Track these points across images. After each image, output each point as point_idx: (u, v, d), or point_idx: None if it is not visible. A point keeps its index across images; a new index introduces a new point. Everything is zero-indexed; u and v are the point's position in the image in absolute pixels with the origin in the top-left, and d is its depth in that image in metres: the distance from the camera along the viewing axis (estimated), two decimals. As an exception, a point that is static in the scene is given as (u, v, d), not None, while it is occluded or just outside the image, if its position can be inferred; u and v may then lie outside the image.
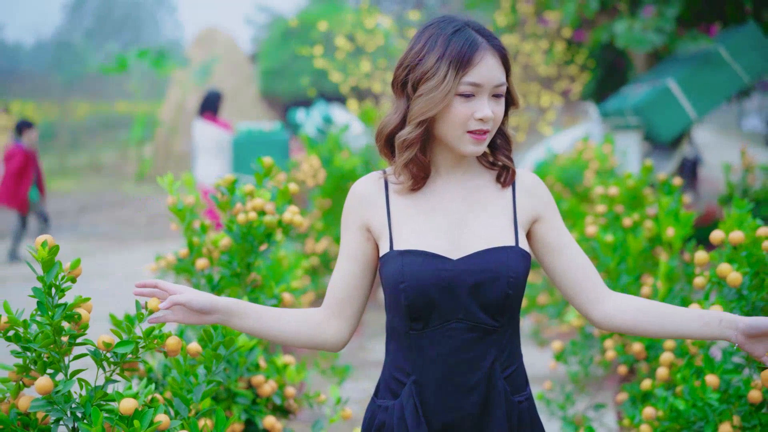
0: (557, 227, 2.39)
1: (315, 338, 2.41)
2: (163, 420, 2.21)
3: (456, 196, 2.36)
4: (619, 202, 5.21)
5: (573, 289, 2.37)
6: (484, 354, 2.28)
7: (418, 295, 2.24)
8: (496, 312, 2.27)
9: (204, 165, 10.84)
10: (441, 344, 2.27)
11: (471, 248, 2.29)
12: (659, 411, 3.17)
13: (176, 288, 2.29)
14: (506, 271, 2.25)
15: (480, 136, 2.26)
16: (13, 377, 2.45)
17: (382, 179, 2.40)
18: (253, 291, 3.44)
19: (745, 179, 7.17)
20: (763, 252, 3.00)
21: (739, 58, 9.48)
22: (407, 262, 2.26)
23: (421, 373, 2.28)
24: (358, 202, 2.38)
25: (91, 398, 2.30)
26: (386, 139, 2.35)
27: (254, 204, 3.36)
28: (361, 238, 2.38)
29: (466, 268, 2.25)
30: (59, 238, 14.99)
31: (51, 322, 2.25)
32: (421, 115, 2.24)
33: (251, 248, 3.38)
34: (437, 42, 2.24)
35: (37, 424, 2.38)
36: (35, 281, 2.41)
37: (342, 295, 2.40)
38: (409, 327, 2.29)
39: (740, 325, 2.21)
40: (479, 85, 2.22)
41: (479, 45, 2.24)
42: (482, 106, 2.24)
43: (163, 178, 3.60)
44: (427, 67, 2.23)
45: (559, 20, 11.61)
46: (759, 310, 3.04)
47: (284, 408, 3.46)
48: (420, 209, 2.34)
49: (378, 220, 2.35)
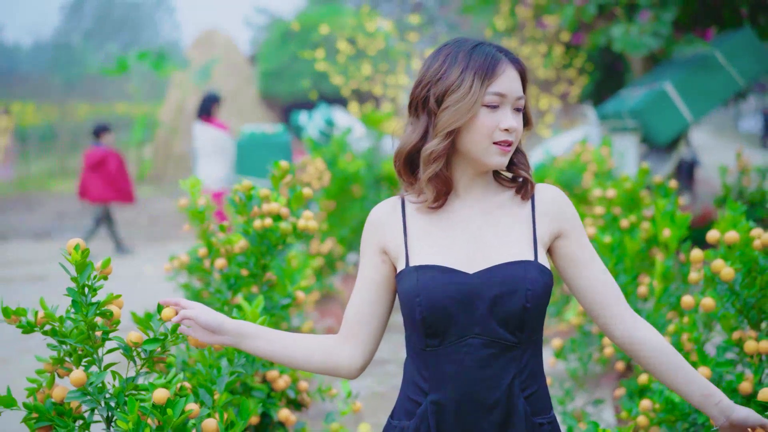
0: (580, 243, 2.36)
1: (327, 363, 2.40)
2: (194, 408, 2.37)
3: (474, 213, 2.34)
4: (616, 204, 5.37)
5: (594, 306, 2.34)
6: (502, 371, 2.24)
7: (434, 309, 2.22)
8: (514, 327, 2.24)
9: (205, 167, 10.97)
10: (458, 361, 2.24)
11: (488, 262, 2.27)
12: (656, 404, 3.34)
13: (189, 303, 2.36)
14: (524, 284, 2.23)
15: (506, 147, 2.27)
16: (48, 369, 2.60)
17: (399, 201, 2.40)
18: (268, 290, 3.60)
19: (740, 181, 7.32)
20: (755, 252, 3.16)
21: (735, 61, 9.62)
22: (422, 277, 2.25)
23: (439, 392, 2.25)
24: (374, 227, 2.39)
25: (124, 389, 2.45)
26: (405, 158, 2.35)
27: (270, 208, 3.52)
28: (378, 261, 2.38)
29: (483, 282, 2.23)
30: (63, 239, 15.14)
31: (85, 319, 2.40)
32: (449, 125, 2.24)
33: (267, 250, 3.53)
34: (458, 57, 2.27)
35: (72, 413, 2.54)
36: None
37: (356, 318, 2.40)
38: (425, 344, 2.27)
39: (733, 416, 2.23)
40: (503, 95, 2.25)
41: (500, 57, 2.27)
42: (507, 117, 2.25)
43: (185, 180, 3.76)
44: (452, 80, 2.24)
45: (558, 24, 11.75)
46: (750, 306, 3.20)
47: (297, 402, 3.61)
48: (437, 226, 2.33)
49: (394, 241, 2.35)
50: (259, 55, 26.34)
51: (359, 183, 8.39)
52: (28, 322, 2.48)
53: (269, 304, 3.59)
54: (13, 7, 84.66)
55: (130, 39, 60.91)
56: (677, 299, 4.36)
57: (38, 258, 13.08)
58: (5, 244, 14.70)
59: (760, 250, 3.16)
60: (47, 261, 12.75)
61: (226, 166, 10.81)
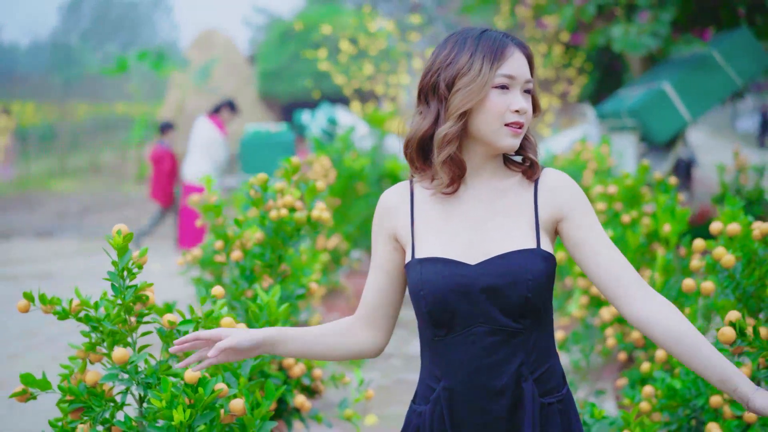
0: (584, 224, 2.34)
1: (352, 348, 2.47)
2: (223, 388, 2.49)
3: (479, 201, 2.36)
4: (617, 200, 5.50)
5: (605, 286, 2.31)
6: (509, 357, 2.27)
7: (437, 302, 2.27)
8: (518, 315, 2.26)
9: (192, 162, 11.19)
10: (465, 349, 2.28)
11: (490, 253, 2.29)
12: (657, 390, 3.47)
13: (218, 333, 2.30)
14: (524, 274, 2.24)
15: (517, 129, 2.28)
16: (80, 355, 2.74)
17: (408, 187, 2.42)
18: (283, 281, 3.73)
19: (738, 179, 7.45)
20: (754, 243, 3.30)
21: (733, 61, 9.73)
22: (425, 270, 2.28)
23: (450, 379, 2.29)
24: (384, 212, 2.42)
25: (156, 370, 2.58)
26: (418, 144, 2.36)
27: (285, 201, 3.65)
28: (389, 247, 2.42)
29: (483, 273, 2.25)
30: (65, 238, 15.26)
31: (123, 301, 2.53)
32: (461, 107, 2.25)
33: (282, 242, 3.66)
34: (466, 43, 2.30)
35: (104, 396, 2.66)
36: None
37: (373, 304, 2.45)
38: (433, 334, 2.32)
39: (750, 404, 2.16)
40: (513, 77, 2.27)
41: (508, 41, 2.30)
42: (517, 99, 2.28)
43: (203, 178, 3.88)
44: (462, 63, 2.27)
45: (557, 24, 11.87)
46: (749, 295, 3.33)
47: (311, 389, 3.74)
48: (442, 215, 2.35)
49: (403, 228, 2.38)
50: (258, 55, 26.43)
51: (364, 180, 8.52)
52: (63, 309, 2.61)
53: (284, 294, 3.71)
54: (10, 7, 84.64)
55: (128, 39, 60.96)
56: (678, 292, 4.49)
57: (42, 256, 13.19)
58: (8, 243, 14.80)
59: (760, 240, 3.29)
60: (51, 259, 12.86)
61: (211, 165, 10.99)
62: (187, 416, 2.40)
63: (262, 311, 2.85)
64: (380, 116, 9.45)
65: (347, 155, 8.51)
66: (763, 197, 7.22)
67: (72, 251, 13.66)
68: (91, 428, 2.57)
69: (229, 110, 11.31)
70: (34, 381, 2.64)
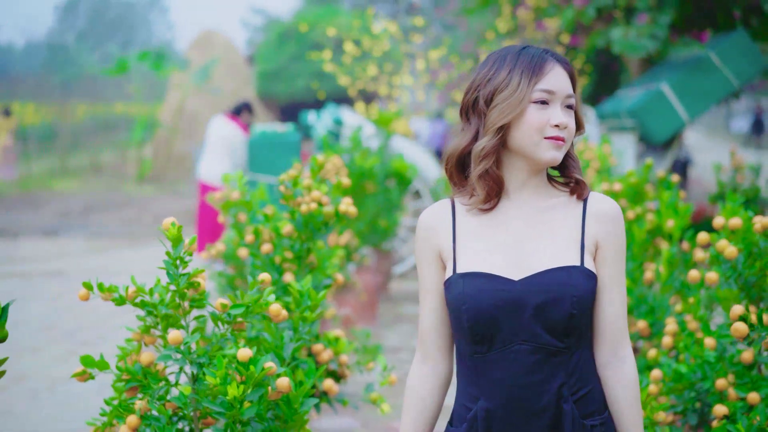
0: (612, 262, 2.33)
1: (444, 386, 2.43)
2: (272, 366, 2.71)
3: (522, 216, 2.34)
4: (622, 197, 5.71)
5: (597, 325, 2.33)
6: (550, 377, 2.24)
7: (479, 317, 2.23)
8: (561, 334, 2.23)
9: (209, 162, 11.02)
10: (506, 367, 2.24)
11: (534, 268, 2.26)
12: (665, 377, 3.69)
13: None
14: (570, 291, 2.23)
15: (558, 141, 2.27)
16: (136, 337, 2.96)
17: (449, 203, 2.39)
18: (311, 271, 3.95)
19: (734, 178, 7.66)
20: (755, 235, 3.52)
21: (729, 63, 9.96)
22: (468, 285, 2.25)
23: (488, 398, 2.26)
24: (425, 233, 2.38)
25: (208, 351, 2.80)
26: (457, 159, 2.36)
27: (313, 196, 3.87)
28: (437, 268, 2.37)
29: (528, 289, 2.23)
30: (71, 237, 15.45)
31: (178, 288, 2.75)
32: (498, 122, 2.26)
33: (311, 235, 3.88)
34: (505, 60, 2.30)
35: (158, 376, 2.88)
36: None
37: (436, 332, 2.39)
38: (473, 350, 2.27)
39: None
40: (552, 92, 2.26)
41: (548, 57, 2.30)
42: (557, 113, 2.26)
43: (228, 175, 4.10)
44: (500, 80, 2.28)
45: (557, 26, 12.10)
46: (751, 285, 3.55)
47: (338, 374, 3.96)
48: (485, 230, 2.33)
49: (446, 245, 2.34)
50: (256, 56, 26.62)
51: (373, 179, 8.75)
52: (120, 296, 2.82)
53: (313, 284, 3.94)
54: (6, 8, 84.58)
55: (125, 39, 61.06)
56: (681, 284, 4.72)
57: (51, 254, 13.40)
58: (15, 242, 15.00)
59: (761, 234, 3.52)
60: (60, 257, 13.06)
61: (232, 165, 10.98)
62: (240, 392, 2.62)
63: (302, 297, 3.08)
64: (386, 116, 9.67)
65: (357, 154, 8.75)
66: (759, 195, 7.42)
67: (80, 250, 13.88)
68: (149, 403, 2.79)
69: (249, 113, 11.36)
70: (93, 362, 2.85)
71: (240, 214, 5.13)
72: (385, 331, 8.50)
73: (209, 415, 2.80)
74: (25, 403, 6.20)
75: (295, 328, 3.06)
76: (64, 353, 7.63)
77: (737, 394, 3.38)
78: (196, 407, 2.79)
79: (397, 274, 11.38)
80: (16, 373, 6.80)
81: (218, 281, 5.61)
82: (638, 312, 4.91)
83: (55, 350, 7.73)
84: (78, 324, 8.71)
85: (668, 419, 3.55)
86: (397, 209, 9.53)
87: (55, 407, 6.20)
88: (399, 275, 11.47)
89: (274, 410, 2.89)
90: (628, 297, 5.00)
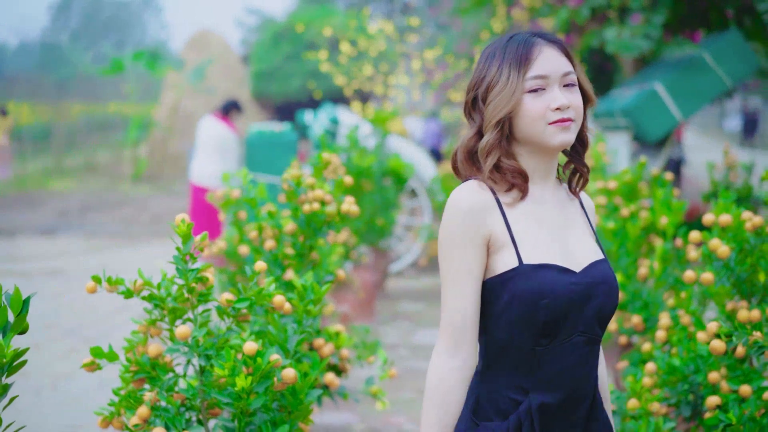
0: None
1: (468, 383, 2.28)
2: (278, 358, 2.80)
3: (555, 206, 2.33)
4: (617, 195, 5.81)
5: None
6: (593, 366, 2.28)
7: (557, 311, 2.18)
8: (605, 323, 2.28)
9: (201, 163, 11.02)
10: (563, 359, 2.22)
11: (583, 260, 2.27)
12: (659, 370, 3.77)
13: None
14: (614, 282, 2.28)
15: (564, 122, 2.23)
16: (142, 330, 3.05)
17: (487, 189, 2.27)
18: (313, 268, 4.04)
19: (727, 177, 7.76)
20: (746, 233, 3.61)
21: (722, 63, 10.03)
22: (544, 278, 2.19)
23: (544, 390, 2.22)
24: (473, 213, 2.23)
25: (214, 344, 2.88)
26: (465, 156, 2.33)
27: (315, 195, 3.95)
28: (484, 252, 2.23)
29: (591, 281, 2.24)
30: (69, 236, 15.52)
31: (186, 282, 2.83)
32: (494, 117, 2.24)
33: (313, 232, 3.97)
34: (495, 54, 2.28)
35: (165, 367, 2.97)
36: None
37: (468, 323, 2.25)
38: (535, 343, 2.21)
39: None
40: (544, 76, 2.23)
41: (534, 42, 2.26)
42: (556, 96, 2.22)
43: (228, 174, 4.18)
44: (491, 75, 2.26)
45: (552, 26, 12.18)
46: (743, 281, 3.64)
47: (339, 368, 4.04)
48: (531, 219, 2.28)
49: (500, 230, 2.23)
50: (251, 56, 26.67)
51: (370, 178, 8.84)
52: (127, 289, 2.91)
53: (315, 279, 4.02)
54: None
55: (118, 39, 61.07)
56: (675, 279, 4.82)
57: (49, 253, 13.45)
58: (14, 241, 15.05)
59: (751, 231, 3.60)
60: (59, 256, 13.12)
61: (223, 165, 10.99)
62: (248, 383, 2.71)
63: (306, 291, 3.16)
64: (383, 116, 9.76)
65: (354, 153, 8.84)
66: (752, 194, 7.51)
67: (78, 249, 13.93)
68: (158, 394, 2.87)
69: (237, 111, 11.39)
70: (102, 353, 2.94)
71: (240, 212, 5.20)
72: (383, 328, 8.58)
73: (216, 406, 2.88)
74: (28, 399, 6.27)
75: (299, 321, 3.15)
76: (66, 351, 7.71)
77: (729, 387, 3.46)
78: (204, 398, 2.87)
79: (394, 272, 11.47)
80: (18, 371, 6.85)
81: (219, 278, 5.69)
82: (633, 307, 5.00)
83: (56, 348, 7.80)
84: (79, 322, 8.80)
85: (662, 411, 3.64)
86: (393, 208, 9.62)
87: (59, 403, 6.28)
88: (396, 273, 11.56)
89: (279, 401, 2.98)
90: (623, 292, 5.10)
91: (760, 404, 3.23)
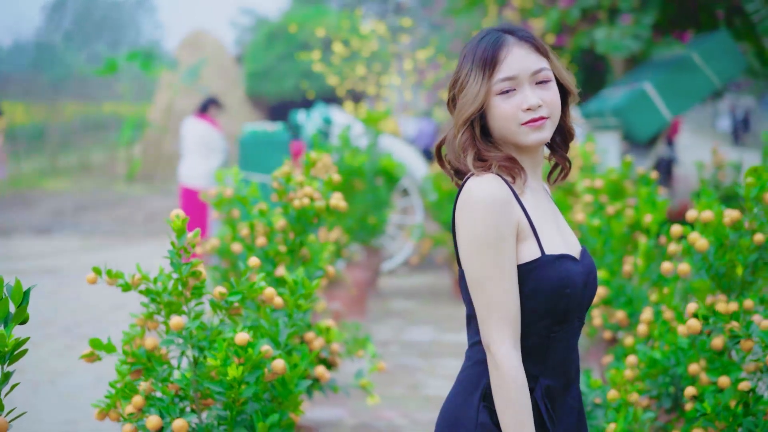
0: None
1: None
2: (269, 349, 2.90)
3: (545, 197, 2.38)
4: (603, 193, 5.92)
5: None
6: (577, 350, 2.35)
7: (577, 299, 2.25)
8: (589, 307, 2.37)
9: (189, 164, 11.19)
10: (564, 345, 2.28)
11: (575, 249, 2.33)
12: (641, 363, 3.88)
13: None
14: (596, 271, 2.37)
15: (536, 122, 2.23)
16: (139, 323, 3.15)
17: (500, 178, 2.25)
18: (303, 264, 4.14)
19: (716, 176, 7.88)
20: (726, 228, 3.72)
21: (711, 63, 10.13)
22: (565, 268, 2.23)
23: (551, 375, 2.27)
24: (506, 205, 2.21)
25: (208, 336, 2.98)
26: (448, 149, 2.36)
27: (305, 192, 4.06)
28: (515, 244, 2.22)
29: (588, 269, 2.32)
30: (65, 235, 15.60)
31: (180, 276, 2.93)
32: (459, 119, 2.27)
33: (303, 229, 4.07)
34: (467, 54, 2.30)
35: (161, 359, 3.07)
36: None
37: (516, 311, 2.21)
38: (550, 330, 2.24)
39: None
40: (513, 78, 2.23)
41: (502, 41, 2.24)
42: (526, 97, 2.22)
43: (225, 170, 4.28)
44: (462, 78, 2.28)
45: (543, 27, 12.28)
46: (722, 275, 3.75)
47: (329, 361, 4.14)
48: (537, 208, 2.31)
49: (523, 221, 2.23)
50: (245, 56, 26.74)
51: (362, 177, 8.94)
52: (126, 283, 3.01)
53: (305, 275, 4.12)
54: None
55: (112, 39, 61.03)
56: (658, 276, 4.93)
57: (45, 252, 13.54)
58: (9, 240, 15.13)
59: (730, 227, 3.71)
60: (55, 255, 13.21)
61: (211, 163, 11.12)
62: (239, 373, 2.81)
63: (297, 286, 3.27)
64: (375, 116, 9.86)
65: (346, 153, 8.95)
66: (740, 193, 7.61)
67: (74, 248, 14.01)
68: (153, 385, 2.97)
69: (216, 107, 11.53)
70: (101, 345, 3.05)
71: (233, 210, 5.30)
72: (374, 326, 8.68)
73: (209, 396, 2.98)
74: (26, 395, 6.36)
75: (290, 314, 3.25)
76: (63, 348, 7.80)
77: (709, 379, 3.56)
78: (197, 388, 2.97)
79: (386, 270, 11.57)
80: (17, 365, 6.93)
81: (212, 275, 5.78)
82: (617, 303, 5.11)
83: (53, 345, 7.90)
84: (75, 320, 8.90)
85: (643, 403, 3.74)
86: (385, 206, 9.71)
87: (56, 399, 6.38)
88: (388, 272, 11.66)
89: (270, 392, 3.08)
90: (608, 288, 5.21)
91: (735, 394, 3.33)
